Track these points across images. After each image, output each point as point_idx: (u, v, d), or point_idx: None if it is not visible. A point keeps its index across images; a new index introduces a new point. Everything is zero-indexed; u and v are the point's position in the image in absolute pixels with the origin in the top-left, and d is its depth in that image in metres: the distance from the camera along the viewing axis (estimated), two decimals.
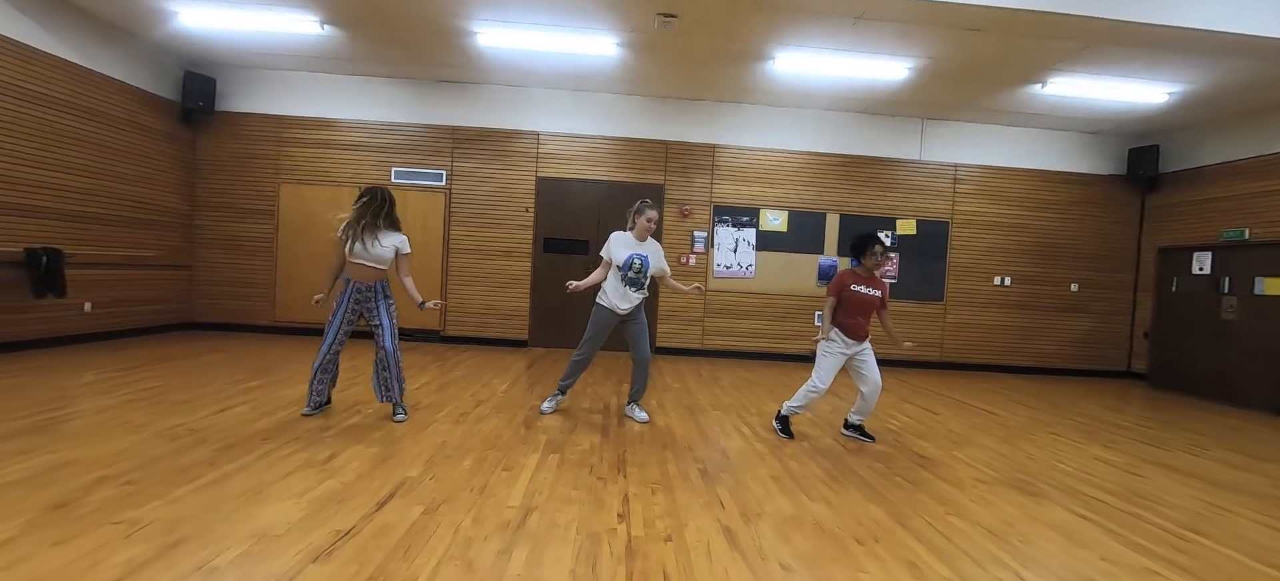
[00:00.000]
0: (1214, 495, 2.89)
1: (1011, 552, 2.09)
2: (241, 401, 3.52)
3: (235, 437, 2.82)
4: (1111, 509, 2.61)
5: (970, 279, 7.08)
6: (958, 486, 2.78)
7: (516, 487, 2.42)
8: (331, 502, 2.16)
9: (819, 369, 3.34)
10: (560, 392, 3.77)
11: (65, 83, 4.94)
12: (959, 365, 7.07)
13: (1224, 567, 2.08)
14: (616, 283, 3.50)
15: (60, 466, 2.34)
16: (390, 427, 3.15)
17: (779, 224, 6.90)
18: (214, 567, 1.68)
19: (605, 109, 6.67)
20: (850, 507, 2.43)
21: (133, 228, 5.72)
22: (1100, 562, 2.06)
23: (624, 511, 2.25)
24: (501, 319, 6.72)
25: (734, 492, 2.52)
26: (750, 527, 2.17)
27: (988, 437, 3.77)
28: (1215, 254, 6.31)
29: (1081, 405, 5.18)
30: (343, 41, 5.48)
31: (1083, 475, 3.08)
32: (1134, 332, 7.19)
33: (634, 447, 3.08)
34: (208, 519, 1.97)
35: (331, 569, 1.70)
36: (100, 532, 1.83)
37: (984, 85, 5.72)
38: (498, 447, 2.94)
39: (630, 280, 3.48)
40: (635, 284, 3.50)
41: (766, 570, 1.86)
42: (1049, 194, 7.09)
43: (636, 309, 3.56)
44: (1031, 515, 2.48)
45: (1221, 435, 4.31)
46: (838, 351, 3.32)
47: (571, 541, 1.96)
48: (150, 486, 2.20)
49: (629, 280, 3.48)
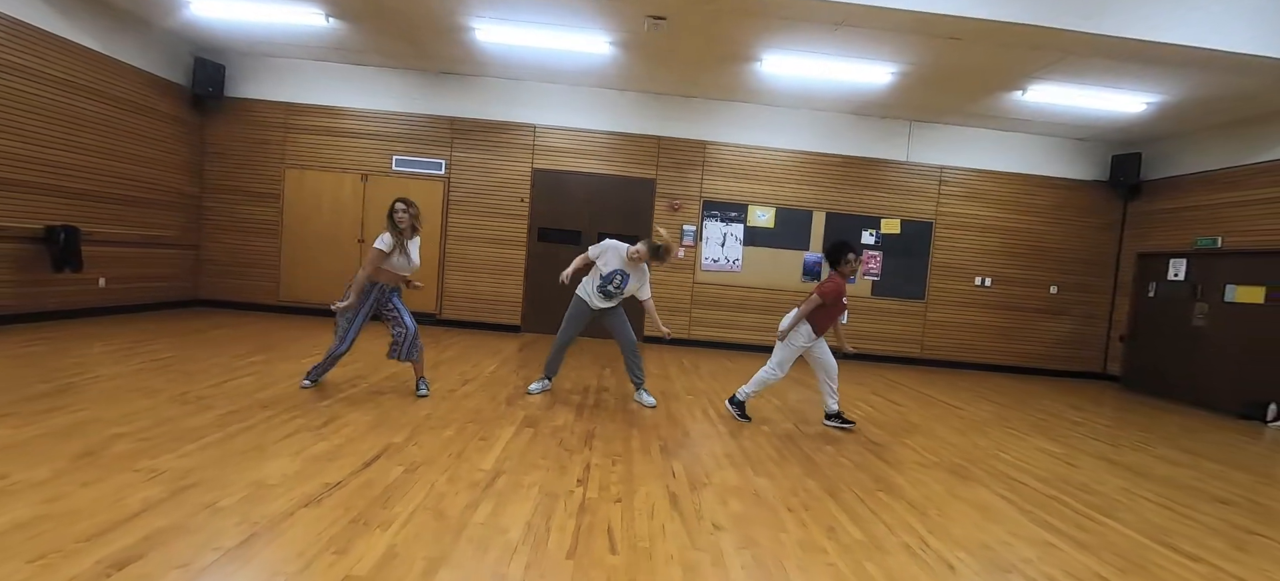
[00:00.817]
0: (1137, 484, 3.12)
1: (925, 523, 2.34)
2: (246, 374, 3.80)
3: (239, 404, 3.10)
4: (1034, 492, 2.84)
5: (952, 279, 7.28)
6: (897, 468, 3.02)
7: (490, 455, 2.69)
8: (324, 460, 2.43)
9: (779, 357, 3.58)
10: (547, 378, 4.01)
11: (82, 68, 5.20)
12: (938, 362, 7.29)
13: (1118, 544, 2.32)
14: (594, 283, 3.76)
15: (83, 424, 2.63)
16: (381, 399, 3.42)
17: (766, 220, 7.11)
18: (219, 508, 1.95)
19: (600, 104, 6.88)
20: (790, 481, 2.68)
21: (144, 207, 6.01)
22: (1005, 535, 2.30)
23: (583, 477, 2.50)
24: (496, 304, 6.98)
25: (688, 466, 2.77)
26: (695, 494, 2.42)
27: (942, 428, 4.01)
28: (1190, 261, 6.48)
29: (1047, 403, 5.40)
30: (347, 33, 5.71)
31: (1020, 463, 3.32)
32: (1111, 336, 7.38)
33: (604, 425, 3.34)
34: (214, 470, 2.24)
35: (320, 512, 1.97)
36: (122, 477, 2.10)
37: (966, 91, 5.89)
38: (478, 421, 3.20)
39: (606, 292, 3.73)
40: (609, 295, 3.75)
41: (700, 527, 2.11)
42: (1033, 197, 7.25)
43: (612, 308, 3.81)
44: (956, 494, 2.72)
45: (1171, 434, 4.52)
46: (801, 344, 3.55)
47: (532, 499, 2.22)
48: (163, 443, 2.48)
49: (604, 290, 3.73)
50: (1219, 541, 2.44)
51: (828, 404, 3.72)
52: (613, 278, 3.70)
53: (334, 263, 6.75)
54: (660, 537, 2.00)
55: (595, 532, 2.00)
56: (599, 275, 3.73)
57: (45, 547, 1.61)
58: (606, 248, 3.75)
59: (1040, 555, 2.14)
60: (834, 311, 3.53)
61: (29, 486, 1.97)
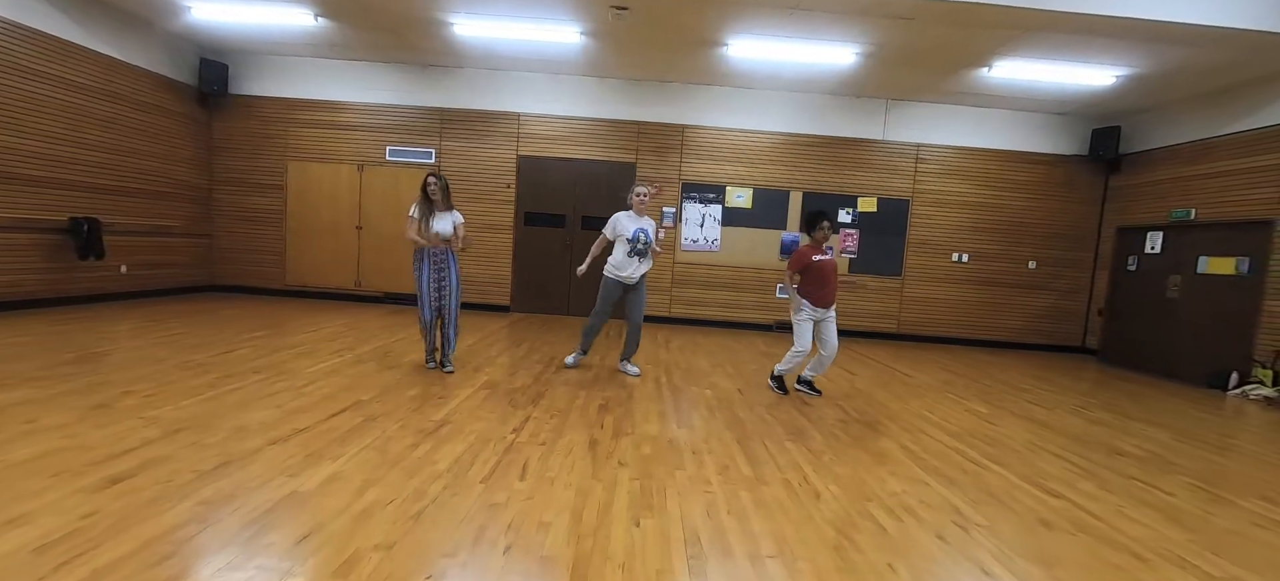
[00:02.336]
0: (1045, 439, 3.35)
1: (815, 464, 2.64)
2: (244, 346, 4.24)
3: (234, 370, 3.52)
4: (937, 444, 3.11)
5: (929, 255, 7.42)
6: (816, 424, 3.31)
7: (444, 410, 3.06)
8: (297, 412, 2.83)
9: (797, 335, 3.84)
10: (583, 351, 4.39)
11: (97, 72, 5.66)
12: (915, 337, 7.47)
13: (990, 484, 2.58)
14: (624, 255, 4.06)
15: (100, 385, 3.07)
16: (361, 367, 3.82)
17: (744, 201, 7.33)
18: (204, 444, 2.35)
19: (580, 91, 7.14)
20: (708, 432, 2.99)
21: (160, 200, 6.51)
22: (887, 476, 2.58)
23: (520, 426, 2.86)
24: (486, 286, 7.37)
25: (619, 420, 3.10)
26: (614, 441, 2.76)
27: (883, 393, 4.26)
28: (1166, 234, 6.53)
29: (1008, 374, 5.58)
30: (335, 30, 6.06)
31: (940, 422, 3.57)
32: (1091, 310, 7.45)
33: (556, 389, 3.69)
34: (204, 419, 2.65)
35: (284, 449, 2.36)
36: (128, 423, 2.53)
37: (934, 69, 6.00)
38: (443, 385, 3.58)
39: (638, 251, 4.04)
40: (641, 253, 4.07)
41: (607, 466, 2.44)
42: (1012, 173, 7.32)
43: (641, 278, 4.14)
44: (861, 444, 3.00)
45: (1112, 399, 4.70)
46: (807, 317, 3.80)
47: (466, 442, 2.58)
48: (164, 399, 2.91)
49: (637, 251, 4.04)
50: (1089, 483, 2.68)
51: (806, 372, 3.99)
52: (638, 235, 4.02)
53: (335, 248, 7.22)
54: (567, 471, 2.35)
55: (511, 466, 2.35)
56: (626, 242, 4.03)
57: (60, 468, 2.03)
58: (618, 220, 4.07)
59: (907, 490, 2.43)
60: (823, 278, 3.73)
61: (52, 428, 2.40)
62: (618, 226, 4.07)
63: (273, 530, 1.73)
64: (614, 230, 4.09)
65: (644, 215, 4.12)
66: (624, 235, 4.04)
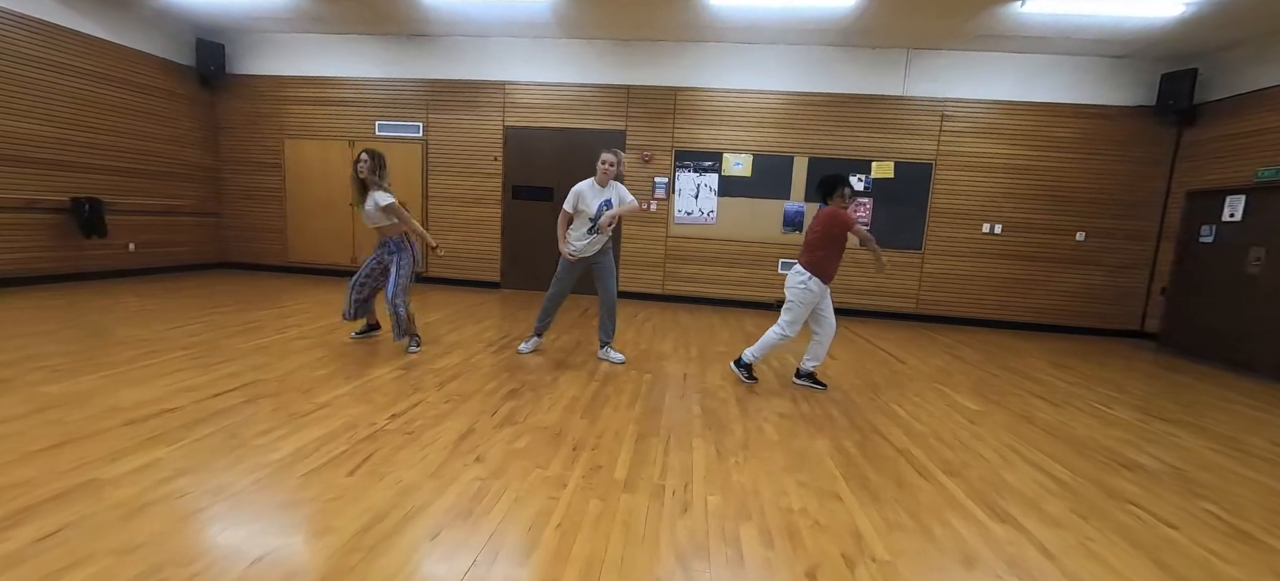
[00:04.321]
0: (1029, 444, 2.78)
1: (713, 469, 2.25)
2: (196, 323, 4.29)
3: (161, 347, 3.52)
4: (886, 447, 2.62)
5: (954, 226, 6.61)
6: (748, 417, 2.89)
7: (336, 392, 2.89)
8: (184, 390, 2.74)
9: (792, 317, 3.36)
10: (537, 335, 4.02)
11: (98, 57, 5.87)
12: (936, 318, 6.72)
13: (925, 503, 2.11)
14: (583, 230, 3.68)
15: (106, 346, 3.23)
16: (335, 337, 3.81)
17: (742, 169, 6.77)
18: (63, 422, 2.29)
19: (567, 55, 6.76)
20: (610, 425, 2.66)
21: (166, 180, 6.79)
22: (794, 486, 2.17)
23: (401, 413, 2.64)
24: (475, 262, 7.27)
25: (517, 408, 2.82)
26: (494, 432, 2.48)
27: (856, 382, 3.75)
28: (1249, 197, 5.43)
29: (1030, 362, 4.85)
30: (315, 3, 5.98)
31: (907, 419, 3.05)
32: (1152, 289, 6.41)
33: (476, 371, 3.45)
34: (87, 396, 2.61)
35: (131, 430, 2.26)
36: (127, 369, 2.63)
37: (953, 8, 5.17)
38: (362, 364, 3.43)
39: (596, 227, 3.64)
40: (597, 230, 3.65)
41: (460, 462, 2.18)
42: (1057, 130, 6.33)
43: (602, 250, 3.77)
44: (788, 444, 2.57)
45: (1151, 394, 3.94)
46: (814, 297, 3.32)
47: (327, 428, 2.40)
48: (159, 354, 3.19)
49: (594, 229, 3.65)
50: (1059, 505, 2.15)
51: (805, 363, 3.52)
52: (601, 210, 3.62)
53: (330, 225, 7.32)
54: (408, 467, 2.10)
55: (351, 459, 2.13)
56: (588, 218, 3.65)
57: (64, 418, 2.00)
58: (580, 192, 3.64)
59: (809, 505, 2.01)
60: (842, 248, 3.31)
61: None
62: (579, 200, 3.65)
63: (27, 524, 1.59)
64: (575, 204, 3.66)
65: (608, 185, 3.67)
66: (586, 212, 3.62)
